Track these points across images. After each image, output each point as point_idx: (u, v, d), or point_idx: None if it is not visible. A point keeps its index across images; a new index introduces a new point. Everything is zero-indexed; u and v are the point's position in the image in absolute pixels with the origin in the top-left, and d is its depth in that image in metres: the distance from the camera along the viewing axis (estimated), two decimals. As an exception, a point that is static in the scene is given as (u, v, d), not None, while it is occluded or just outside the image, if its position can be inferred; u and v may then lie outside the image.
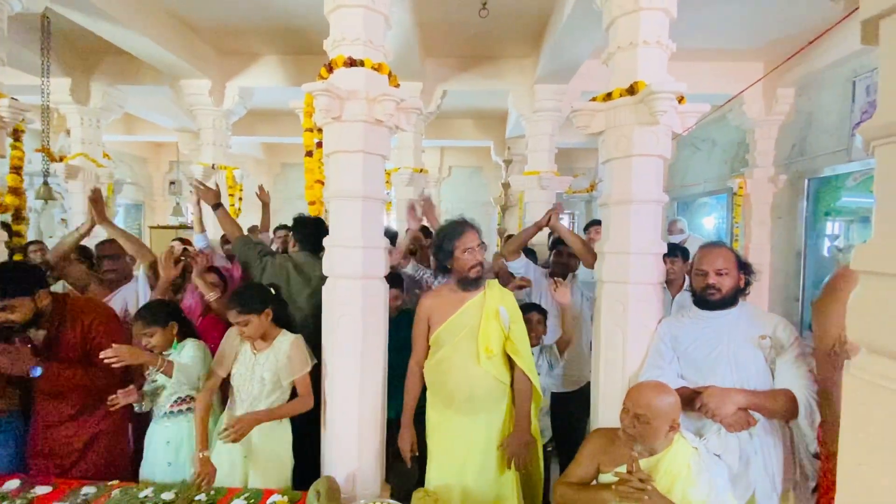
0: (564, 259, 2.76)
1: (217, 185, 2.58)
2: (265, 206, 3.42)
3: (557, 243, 2.85)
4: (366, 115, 1.87)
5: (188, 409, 1.96)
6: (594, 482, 1.61)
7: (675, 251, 2.55)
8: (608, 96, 1.96)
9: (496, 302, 1.95)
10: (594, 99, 2.02)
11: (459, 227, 1.96)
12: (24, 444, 1.92)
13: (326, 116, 1.86)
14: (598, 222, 3.00)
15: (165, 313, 1.95)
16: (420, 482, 2.03)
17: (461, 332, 1.91)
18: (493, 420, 1.96)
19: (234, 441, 1.75)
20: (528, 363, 1.95)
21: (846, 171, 3.49)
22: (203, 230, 2.92)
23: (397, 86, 2.03)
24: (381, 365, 2.03)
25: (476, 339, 1.90)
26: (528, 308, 2.44)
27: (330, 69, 1.91)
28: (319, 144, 2.05)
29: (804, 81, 3.86)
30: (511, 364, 1.97)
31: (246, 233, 2.58)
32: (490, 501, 1.92)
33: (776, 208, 4.23)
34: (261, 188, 3.38)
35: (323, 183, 2.08)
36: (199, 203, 2.80)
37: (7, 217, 2.57)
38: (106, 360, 1.71)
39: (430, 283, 2.61)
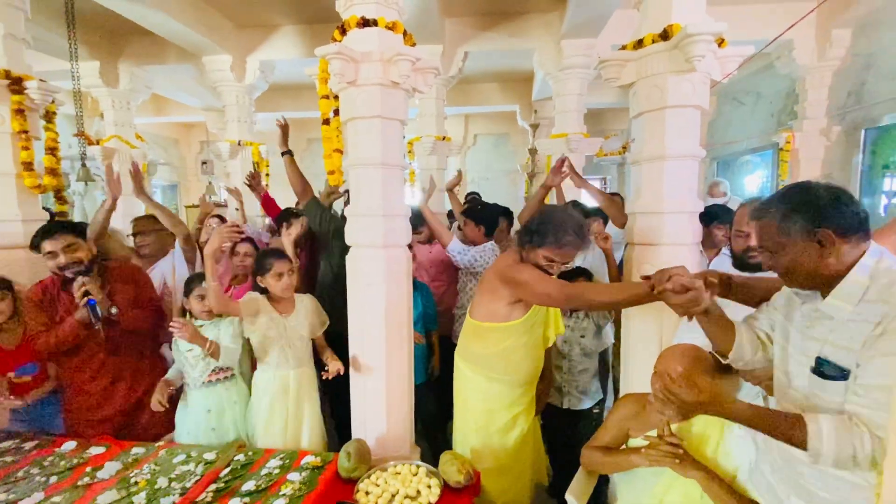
0: None
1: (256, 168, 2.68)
2: None
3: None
4: (381, 77, 1.81)
5: (225, 378, 2.05)
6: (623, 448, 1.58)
7: (728, 217, 2.17)
8: (639, 44, 1.82)
9: None
10: (624, 47, 1.88)
11: (560, 239, 1.74)
12: (69, 411, 2.06)
13: (341, 81, 1.80)
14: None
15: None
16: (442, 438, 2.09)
17: (536, 319, 1.93)
18: (534, 384, 2.05)
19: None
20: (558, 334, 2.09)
21: (910, 118, 3.19)
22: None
23: (413, 45, 1.94)
24: (405, 332, 2.03)
25: (544, 326, 1.98)
26: (576, 273, 2.37)
27: (343, 31, 1.85)
28: (337, 112, 2.01)
29: (863, 21, 3.49)
30: None
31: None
32: (528, 447, 2.03)
33: (827, 164, 3.91)
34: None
35: (342, 151, 2.05)
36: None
37: (50, 201, 2.68)
38: (171, 328, 1.82)
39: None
